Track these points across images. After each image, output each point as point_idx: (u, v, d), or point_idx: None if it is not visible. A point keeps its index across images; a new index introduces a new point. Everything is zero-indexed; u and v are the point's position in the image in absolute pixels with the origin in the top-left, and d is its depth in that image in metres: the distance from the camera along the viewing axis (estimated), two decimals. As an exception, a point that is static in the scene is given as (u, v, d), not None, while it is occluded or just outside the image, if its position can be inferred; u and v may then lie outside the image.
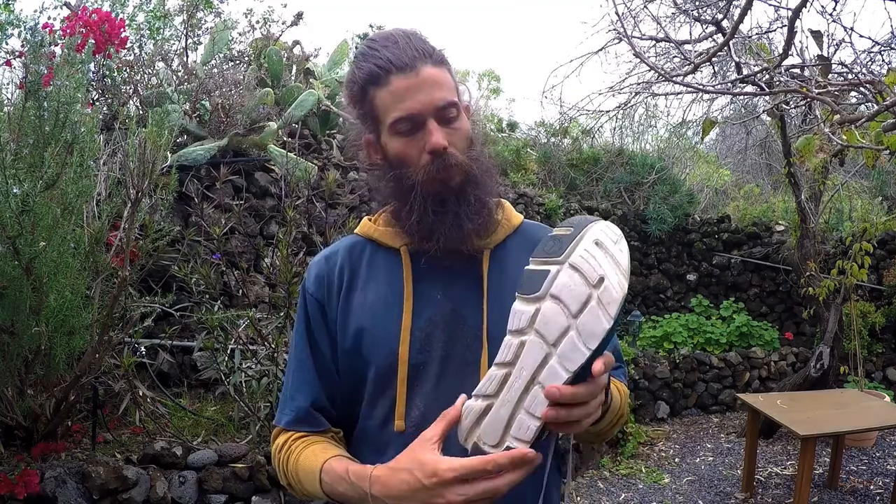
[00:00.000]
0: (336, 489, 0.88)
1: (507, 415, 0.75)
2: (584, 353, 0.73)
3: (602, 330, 0.72)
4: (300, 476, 0.93)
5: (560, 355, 0.73)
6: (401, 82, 0.90)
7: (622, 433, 4.52)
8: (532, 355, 0.75)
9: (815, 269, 4.63)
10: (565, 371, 0.73)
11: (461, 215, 0.93)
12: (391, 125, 0.93)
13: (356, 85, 0.95)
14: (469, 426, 0.78)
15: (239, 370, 2.74)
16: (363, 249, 1.03)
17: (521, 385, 0.75)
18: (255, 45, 4.95)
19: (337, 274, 1.00)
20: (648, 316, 6.43)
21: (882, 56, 3.40)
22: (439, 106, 0.91)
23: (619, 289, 0.74)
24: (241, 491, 2.56)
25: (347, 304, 0.99)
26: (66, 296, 2.18)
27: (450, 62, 0.97)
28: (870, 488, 3.87)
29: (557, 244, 0.77)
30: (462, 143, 0.95)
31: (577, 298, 0.73)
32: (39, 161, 2.10)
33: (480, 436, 0.77)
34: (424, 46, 0.93)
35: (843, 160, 3.30)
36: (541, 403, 0.74)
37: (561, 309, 0.74)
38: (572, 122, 6.89)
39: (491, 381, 0.77)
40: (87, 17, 3.46)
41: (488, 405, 0.77)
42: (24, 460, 2.27)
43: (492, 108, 8.39)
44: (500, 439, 0.76)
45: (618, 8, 3.34)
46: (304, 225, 3.73)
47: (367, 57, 0.93)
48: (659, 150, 8.26)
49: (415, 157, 0.93)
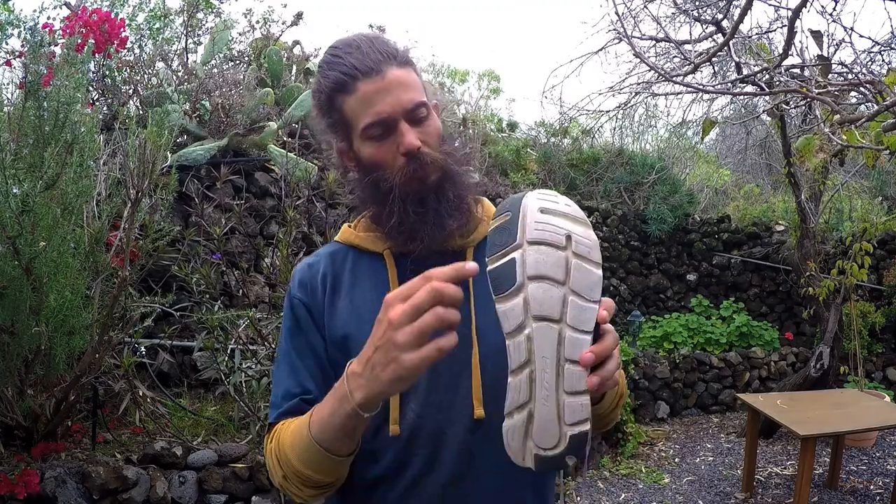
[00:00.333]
0: (322, 416, 0.81)
1: (554, 408, 0.71)
2: (594, 307, 0.72)
3: (597, 277, 0.72)
4: (290, 443, 0.86)
5: (572, 324, 0.71)
6: (368, 87, 0.90)
7: (622, 433, 4.52)
8: (546, 340, 0.71)
9: (815, 269, 4.63)
10: (585, 334, 0.72)
11: (442, 213, 0.93)
12: (363, 131, 0.92)
13: (323, 94, 0.95)
14: (520, 444, 0.73)
15: (239, 370, 2.74)
16: (345, 256, 1.02)
17: (552, 372, 0.71)
18: (255, 45, 4.95)
19: (320, 280, 0.99)
20: (648, 316, 6.43)
21: (882, 56, 3.40)
22: (409, 108, 0.91)
23: (588, 236, 0.73)
24: (241, 491, 2.56)
25: (333, 309, 0.97)
26: (66, 296, 2.18)
27: (414, 62, 0.97)
28: (870, 488, 3.87)
29: (506, 233, 0.74)
30: (435, 141, 0.95)
31: (557, 266, 0.71)
32: (39, 161, 2.10)
33: (537, 444, 0.72)
34: (388, 49, 0.93)
35: (843, 160, 3.30)
36: (579, 377, 0.71)
37: (548, 284, 0.71)
38: (572, 122, 6.89)
39: (518, 390, 0.72)
40: (86, 17, 3.46)
41: (528, 412, 0.72)
42: (24, 460, 2.27)
43: (492, 108, 8.39)
44: (559, 435, 0.71)
45: (618, 8, 3.34)
46: (304, 225, 3.73)
47: (331, 65, 0.93)
48: (659, 150, 8.26)
49: (390, 161, 0.92)
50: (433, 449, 0.92)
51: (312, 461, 0.84)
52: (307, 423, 0.83)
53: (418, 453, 0.92)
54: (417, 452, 0.92)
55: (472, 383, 0.92)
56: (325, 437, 0.81)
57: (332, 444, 0.81)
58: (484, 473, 0.93)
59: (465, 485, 0.93)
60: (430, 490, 0.92)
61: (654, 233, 6.53)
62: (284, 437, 0.88)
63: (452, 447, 0.92)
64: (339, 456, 0.83)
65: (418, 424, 0.92)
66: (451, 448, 0.92)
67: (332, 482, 0.87)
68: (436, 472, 0.92)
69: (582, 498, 3.70)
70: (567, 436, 0.71)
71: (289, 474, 0.87)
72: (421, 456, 0.93)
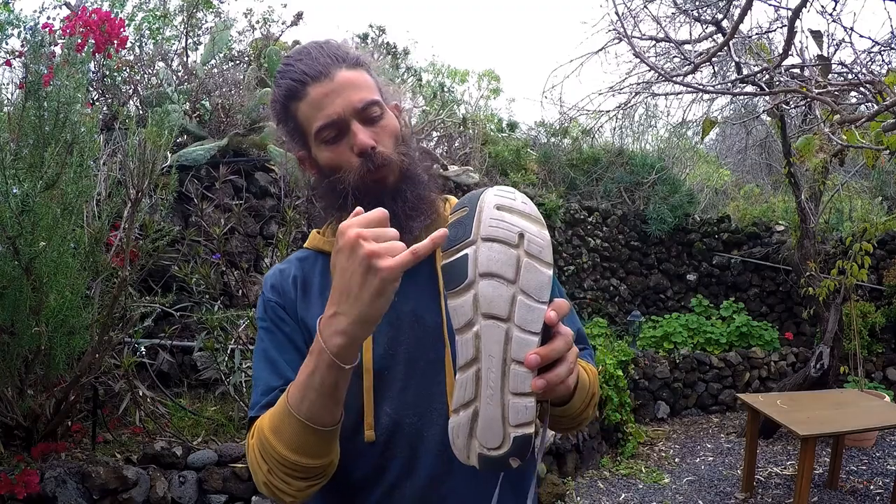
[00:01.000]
0: (300, 381, 0.78)
1: (498, 408, 0.71)
2: (542, 307, 0.71)
3: (547, 278, 0.72)
4: (270, 426, 0.82)
5: (519, 324, 0.70)
6: (317, 91, 0.90)
7: (622, 433, 4.52)
8: (492, 339, 0.70)
9: (815, 269, 4.63)
10: (532, 335, 0.71)
11: (399, 214, 0.92)
12: (316, 135, 0.92)
13: (278, 104, 0.95)
14: (464, 442, 0.74)
15: (239, 370, 2.75)
16: (315, 261, 1.01)
17: (497, 372, 0.70)
18: (255, 45, 4.95)
19: (291, 283, 0.99)
20: (648, 316, 6.43)
21: (882, 56, 3.40)
22: (358, 107, 0.91)
23: (542, 235, 0.73)
24: (241, 491, 2.56)
25: (304, 312, 0.96)
26: (66, 296, 2.18)
27: (368, 64, 0.97)
28: (870, 488, 3.87)
29: (461, 228, 0.73)
30: (390, 140, 0.94)
31: (507, 264, 0.71)
32: (39, 161, 2.10)
33: (481, 443, 0.72)
34: (337, 52, 0.93)
35: (843, 160, 3.31)
36: (525, 378, 0.70)
37: (497, 282, 0.70)
38: (572, 122, 6.89)
39: (465, 387, 0.72)
40: (87, 17, 3.46)
41: (474, 410, 0.72)
42: (24, 460, 2.27)
43: (492, 108, 8.38)
44: (503, 436, 0.71)
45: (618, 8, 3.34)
46: (304, 225, 3.73)
47: (283, 74, 0.93)
48: (659, 150, 8.26)
49: (345, 163, 0.92)
50: (411, 452, 0.91)
51: (296, 439, 0.79)
52: (286, 401, 0.80)
53: (396, 457, 0.91)
54: (395, 456, 0.91)
55: (446, 383, 0.91)
56: (306, 404, 0.77)
57: (313, 411, 0.77)
58: (463, 475, 0.92)
59: (444, 487, 0.91)
60: (409, 493, 0.91)
61: (654, 233, 6.53)
62: (264, 424, 0.84)
63: (430, 449, 0.91)
64: (324, 427, 0.79)
65: (395, 428, 0.91)
66: (430, 450, 0.91)
67: (319, 468, 0.82)
68: (414, 476, 0.91)
69: (582, 498, 3.70)
70: (511, 437, 0.71)
71: (273, 465, 0.81)
72: (399, 460, 0.91)
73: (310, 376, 0.76)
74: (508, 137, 7.84)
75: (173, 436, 2.72)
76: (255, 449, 0.85)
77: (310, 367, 0.76)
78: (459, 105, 7.48)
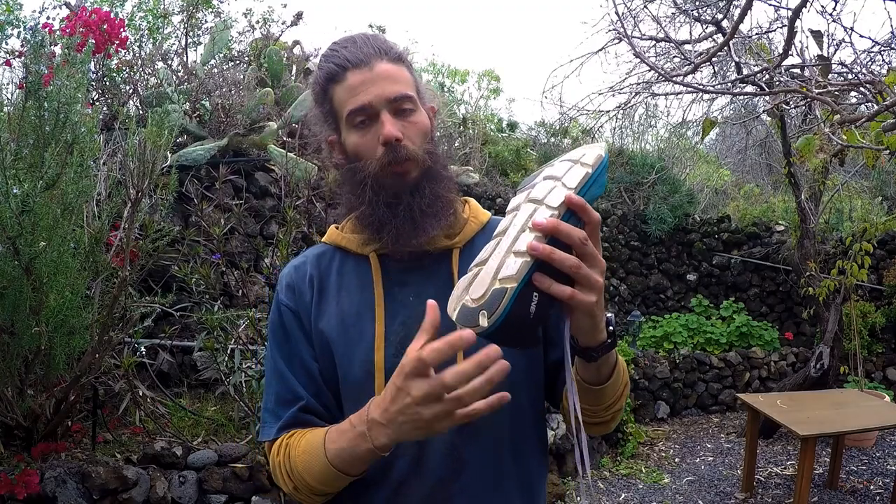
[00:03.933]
0: (340, 445, 0.84)
1: (496, 264, 0.73)
2: (566, 190, 0.75)
3: (583, 173, 0.77)
4: (304, 465, 0.89)
5: (546, 203, 0.75)
6: (355, 77, 0.92)
7: (622, 433, 4.52)
8: (523, 215, 0.76)
9: (815, 269, 4.63)
10: (550, 209, 0.74)
11: (414, 208, 0.93)
12: (347, 118, 0.94)
13: (318, 85, 0.98)
14: (459, 295, 0.76)
15: (239, 370, 2.74)
16: (332, 257, 1.02)
17: (512, 236, 0.74)
18: (255, 45, 4.94)
19: (307, 283, 0.99)
20: (648, 316, 6.43)
21: (882, 56, 3.39)
22: (391, 98, 0.92)
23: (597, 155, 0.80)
24: (241, 491, 2.56)
25: (319, 312, 0.97)
26: (66, 296, 2.17)
27: (410, 62, 0.99)
28: (870, 488, 3.87)
29: (532, 177, 0.82)
30: (418, 137, 0.95)
31: (562, 169, 0.79)
32: (39, 161, 2.10)
33: (470, 296, 0.74)
34: (382, 45, 0.95)
35: (843, 160, 3.30)
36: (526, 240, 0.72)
37: (551, 182, 0.78)
38: (572, 123, 6.89)
39: (486, 250, 0.77)
40: (86, 17, 3.46)
41: (479, 269, 0.76)
42: (24, 460, 2.27)
43: (492, 108, 8.38)
44: (487, 288, 0.72)
45: (618, 8, 3.34)
46: (304, 225, 3.73)
47: (328, 58, 0.96)
48: (659, 150, 8.26)
49: (371, 151, 0.93)
50: (417, 451, 0.91)
51: (328, 481, 0.88)
52: (322, 449, 0.86)
53: (402, 455, 0.91)
54: (402, 455, 0.91)
55: None
56: (343, 464, 0.85)
57: (348, 469, 0.86)
58: (471, 474, 0.92)
59: (453, 487, 0.91)
60: (417, 492, 0.92)
61: (654, 233, 6.53)
62: (296, 457, 0.91)
63: (438, 449, 0.91)
64: (354, 476, 0.88)
65: None
66: (437, 450, 0.91)
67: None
68: (421, 475, 0.91)
69: (582, 497, 3.70)
70: (491, 290, 0.72)
71: (301, 487, 0.91)
72: (405, 458, 0.91)
73: (350, 450, 0.83)
74: (508, 137, 7.84)
75: (173, 436, 2.71)
76: (283, 469, 0.93)
77: (350, 444, 0.83)
78: (459, 105, 7.49)
